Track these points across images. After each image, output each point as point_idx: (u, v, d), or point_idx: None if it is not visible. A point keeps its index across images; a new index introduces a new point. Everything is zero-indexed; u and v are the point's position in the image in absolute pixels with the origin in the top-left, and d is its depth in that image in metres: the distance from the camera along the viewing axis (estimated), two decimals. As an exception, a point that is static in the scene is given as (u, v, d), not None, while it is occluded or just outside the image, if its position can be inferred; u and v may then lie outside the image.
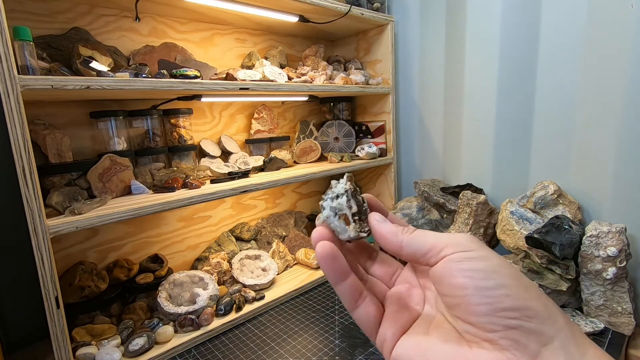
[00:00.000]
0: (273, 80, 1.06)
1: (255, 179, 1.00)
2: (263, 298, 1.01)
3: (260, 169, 1.15)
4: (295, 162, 1.29)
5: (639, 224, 0.87)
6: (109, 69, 0.81)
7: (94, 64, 0.78)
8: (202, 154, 1.15)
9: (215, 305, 0.95)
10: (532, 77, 1.04)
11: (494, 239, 1.09)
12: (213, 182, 0.98)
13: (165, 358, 0.81)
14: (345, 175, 0.30)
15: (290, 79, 1.14)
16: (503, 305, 0.21)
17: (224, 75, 0.97)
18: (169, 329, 0.85)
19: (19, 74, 0.61)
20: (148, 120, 1.00)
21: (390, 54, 1.35)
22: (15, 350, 0.88)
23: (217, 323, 0.91)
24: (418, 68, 1.36)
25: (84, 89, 0.69)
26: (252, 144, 1.27)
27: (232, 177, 1.02)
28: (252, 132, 1.28)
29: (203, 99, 1.02)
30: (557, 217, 0.90)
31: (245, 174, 1.05)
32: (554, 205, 0.97)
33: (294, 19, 1.15)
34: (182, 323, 0.87)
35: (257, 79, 1.02)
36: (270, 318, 0.96)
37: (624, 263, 0.81)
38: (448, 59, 1.26)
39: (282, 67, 1.28)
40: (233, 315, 0.94)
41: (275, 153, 1.23)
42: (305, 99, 1.34)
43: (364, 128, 1.46)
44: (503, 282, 0.21)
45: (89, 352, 0.76)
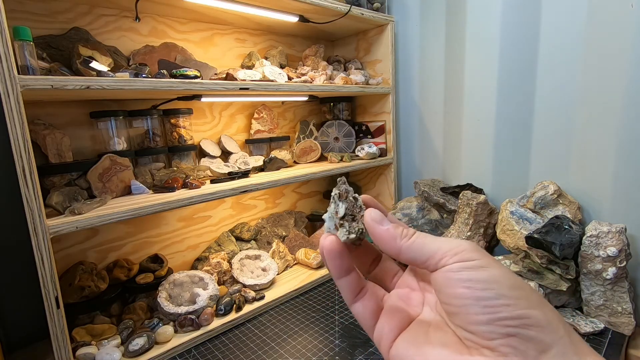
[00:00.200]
0: (273, 80, 1.06)
1: (255, 179, 1.00)
2: (263, 298, 1.01)
3: (260, 169, 1.15)
4: (295, 162, 1.29)
5: (639, 224, 0.87)
6: (109, 69, 0.81)
7: (94, 64, 0.78)
8: (202, 154, 1.15)
9: (215, 305, 0.95)
10: (532, 77, 1.04)
11: (494, 239, 1.09)
12: (213, 182, 0.98)
13: (165, 358, 0.81)
14: (338, 180, 0.30)
15: (290, 79, 1.14)
16: (502, 315, 0.21)
17: (224, 75, 0.97)
18: (169, 329, 0.85)
19: (19, 74, 0.61)
20: (148, 120, 1.00)
21: (390, 54, 1.35)
22: (15, 350, 0.88)
23: (217, 323, 0.91)
24: (418, 68, 1.36)
25: (84, 89, 0.69)
26: (252, 144, 1.27)
27: (232, 177, 1.02)
28: (252, 132, 1.28)
29: (203, 99, 1.02)
30: (557, 217, 0.90)
31: (245, 174, 1.05)
32: (554, 205, 0.97)
33: (294, 19, 1.15)
34: (182, 323, 0.87)
35: (257, 79, 1.02)
36: (270, 318, 0.96)
37: (624, 263, 0.81)
38: (448, 59, 1.26)
39: (282, 67, 1.28)
40: (233, 315, 0.94)
41: (275, 153, 1.23)
42: (305, 99, 1.34)
43: (364, 128, 1.46)
44: (503, 292, 0.21)
45: (89, 352, 0.76)
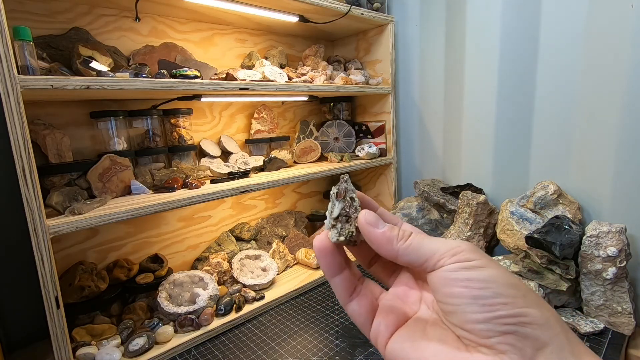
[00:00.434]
0: (273, 80, 1.06)
1: (255, 179, 1.00)
2: (263, 298, 1.01)
3: (260, 169, 1.15)
4: (295, 162, 1.29)
5: (639, 224, 0.87)
6: (109, 69, 0.81)
7: (94, 64, 0.78)
8: (202, 154, 1.15)
9: (215, 305, 0.95)
10: (532, 77, 1.04)
11: (494, 239, 1.09)
12: (213, 182, 0.98)
13: (165, 358, 0.81)
14: (341, 177, 0.29)
15: (290, 79, 1.14)
16: (499, 314, 0.21)
17: (224, 75, 0.97)
18: (169, 329, 0.85)
19: (19, 74, 0.61)
20: (148, 120, 1.00)
21: (390, 54, 1.35)
22: (15, 350, 0.88)
23: (217, 323, 0.91)
24: (418, 68, 1.36)
25: (84, 89, 0.69)
26: (252, 144, 1.27)
27: (232, 177, 1.02)
28: (252, 132, 1.28)
29: (203, 99, 1.02)
30: (557, 217, 0.90)
31: (245, 174, 1.05)
32: (554, 205, 0.97)
33: (294, 19, 1.15)
34: (182, 323, 0.87)
35: (257, 79, 1.02)
36: (270, 318, 0.96)
37: (624, 263, 0.81)
38: (448, 59, 1.26)
39: (282, 67, 1.28)
40: (233, 315, 0.94)
41: (275, 153, 1.23)
42: (305, 99, 1.34)
43: (364, 128, 1.46)
44: (500, 291, 0.21)
45: (89, 352, 0.76)
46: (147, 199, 0.82)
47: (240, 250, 1.18)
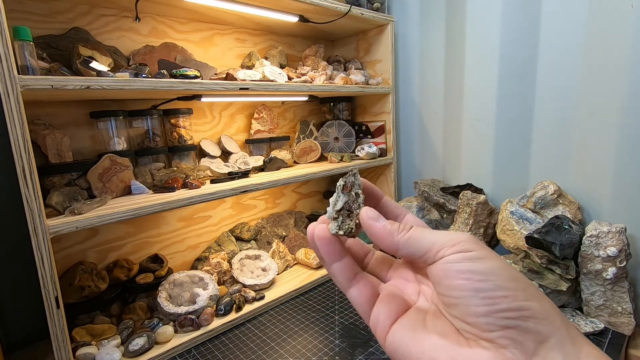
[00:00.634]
0: (273, 80, 1.06)
1: (255, 179, 1.00)
2: (263, 298, 1.01)
3: (260, 169, 1.15)
4: (295, 162, 1.29)
5: (639, 224, 0.87)
6: (109, 69, 0.81)
7: (94, 64, 0.78)
8: (202, 154, 1.15)
9: (215, 305, 0.95)
10: (532, 76, 1.04)
11: (494, 239, 1.09)
12: (213, 182, 0.98)
13: (165, 358, 0.81)
14: (350, 170, 0.29)
15: (290, 79, 1.14)
16: (501, 307, 0.21)
17: (224, 75, 0.97)
18: (169, 329, 0.85)
19: (19, 74, 0.61)
20: (148, 120, 1.00)
21: (390, 54, 1.35)
22: (15, 350, 0.88)
23: (217, 323, 0.91)
24: (418, 68, 1.36)
25: (84, 89, 0.69)
26: (252, 144, 1.27)
27: (232, 177, 1.02)
28: (252, 132, 1.28)
29: (203, 99, 1.02)
30: (557, 217, 0.90)
31: (245, 174, 1.05)
32: (554, 205, 0.97)
33: (294, 19, 1.15)
34: (182, 323, 0.87)
35: (257, 79, 1.02)
36: (270, 318, 0.96)
37: (624, 263, 0.81)
38: (448, 59, 1.26)
39: (282, 67, 1.28)
40: (233, 315, 0.94)
41: (275, 153, 1.23)
42: (305, 99, 1.34)
43: (364, 128, 1.46)
44: (501, 283, 0.21)
45: (89, 352, 0.76)
46: (147, 199, 0.82)
47: (240, 250, 1.18)
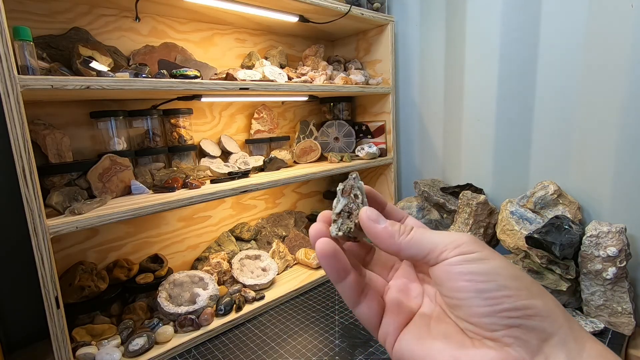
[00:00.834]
0: (273, 80, 1.06)
1: (255, 179, 1.00)
2: (263, 298, 1.01)
3: (260, 169, 1.15)
4: (295, 162, 1.29)
5: (639, 224, 0.87)
6: (109, 69, 0.81)
7: (94, 64, 0.78)
8: (202, 154, 1.15)
9: (215, 305, 0.95)
10: (532, 77, 1.04)
11: (494, 239, 1.09)
12: (213, 182, 0.98)
13: (165, 358, 0.81)
14: (350, 174, 0.30)
15: (290, 79, 1.14)
16: (504, 307, 0.21)
17: (224, 75, 0.97)
18: (169, 329, 0.85)
19: (19, 74, 0.61)
20: (148, 120, 1.00)
21: (390, 54, 1.35)
22: (15, 350, 0.88)
23: (217, 323, 0.91)
24: (418, 68, 1.36)
25: (84, 89, 0.69)
26: (252, 144, 1.27)
27: (232, 177, 1.02)
28: (252, 132, 1.28)
29: (203, 99, 1.02)
30: (557, 217, 0.90)
31: (245, 174, 1.05)
32: (554, 205, 0.97)
33: (294, 19, 1.15)
34: (182, 323, 0.87)
35: (257, 79, 1.02)
36: (270, 318, 0.96)
37: (624, 263, 0.81)
38: (448, 59, 1.26)
39: (282, 67, 1.28)
40: (233, 315, 0.94)
41: (275, 153, 1.23)
42: (305, 99, 1.34)
43: (364, 128, 1.46)
44: (504, 283, 0.21)
45: (89, 352, 0.76)
46: (147, 199, 0.82)
47: (240, 250, 1.18)
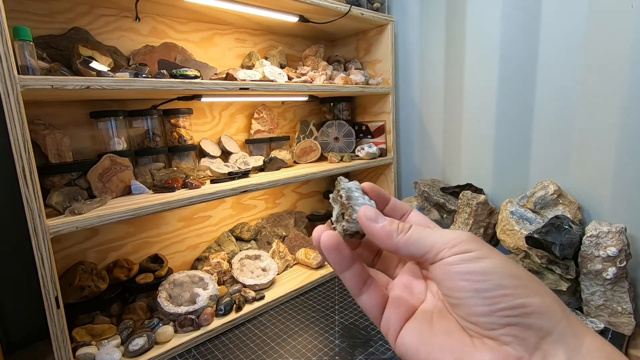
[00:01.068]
0: (273, 80, 1.06)
1: (255, 179, 1.00)
2: (263, 298, 1.01)
3: (260, 169, 1.15)
4: (295, 162, 1.29)
5: (639, 224, 0.87)
6: (109, 69, 0.81)
7: (94, 64, 0.78)
8: (202, 154, 1.15)
9: (215, 305, 0.95)
10: (532, 77, 1.04)
11: (494, 239, 1.09)
12: (213, 182, 0.98)
13: (165, 358, 0.81)
14: (336, 181, 0.30)
15: (290, 79, 1.14)
16: (501, 306, 0.21)
17: (224, 75, 0.97)
18: (169, 329, 0.85)
19: (19, 74, 0.61)
20: (148, 120, 1.00)
21: (390, 54, 1.35)
22: (15, 350, 0.88)
23: (217, 323, 0.91)
24: (418, 68, 1.36)
25: (84, 89, 0.69)
26: (252, 144, 1.27)
27: (232, 177, 1.02)
28: (252, 132, 1.28)
29: (203, 99, 1.02)
30: (557, 217, 0.90)
31: (245, 174, 1.05)
32: (554, 205, 0.97)
33: (294, 19, 1.15)
34: (182, 323, 0.87)
35: (257, 79, 1.02)
36: (270, 318, 0.96)
37: (624, 263, 0.81)
38: (448, 59, 1.26)
39: (282, 67, 1.28)
40: (233, 315, 0.94)
41: (275, 153, 1.23)
42: (305, 99, 1.34)
43: (364, 128, 1.46)
44: (501, 282, 0.22)
45: (89, 352, 0.76)
46: (147, 199, 0.82)
47: (240, 250, 1.18)
